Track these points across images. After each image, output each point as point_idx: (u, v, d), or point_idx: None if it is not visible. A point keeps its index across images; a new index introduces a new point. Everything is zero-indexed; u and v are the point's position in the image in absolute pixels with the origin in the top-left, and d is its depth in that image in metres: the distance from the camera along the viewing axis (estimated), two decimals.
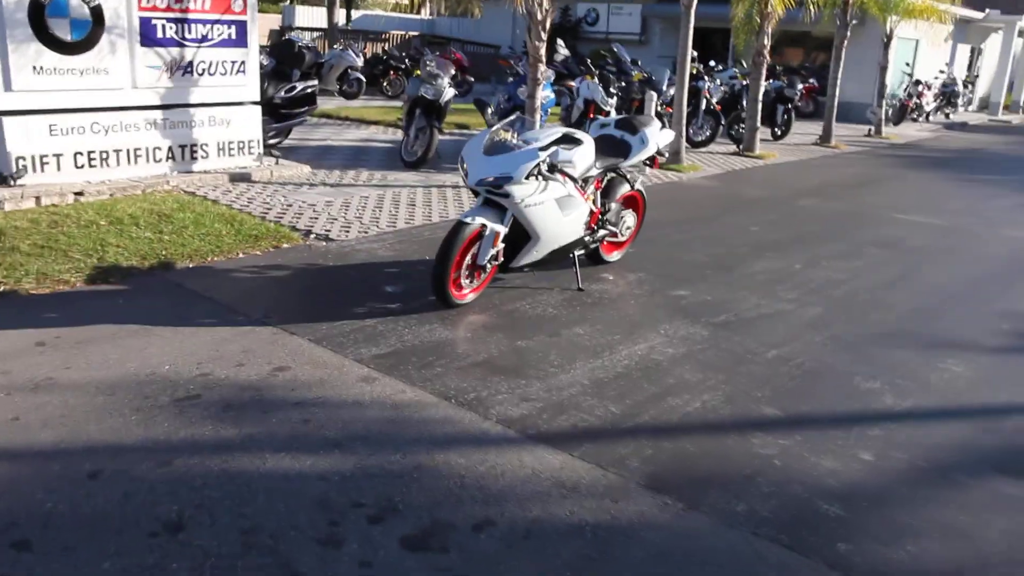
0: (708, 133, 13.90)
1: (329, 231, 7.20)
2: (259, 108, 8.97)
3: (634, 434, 3.87)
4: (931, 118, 22.44)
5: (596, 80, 11.97)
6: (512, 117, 5.73)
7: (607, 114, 11.75)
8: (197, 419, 3.75)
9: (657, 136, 6.32)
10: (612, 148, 6.14)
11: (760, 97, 13.62)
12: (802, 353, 5.01)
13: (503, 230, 5.35)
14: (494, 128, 5.49)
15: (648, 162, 6.45)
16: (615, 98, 12.00)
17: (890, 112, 19.32)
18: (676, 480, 3.49)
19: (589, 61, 16.08)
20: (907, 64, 21.50)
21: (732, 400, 4.30)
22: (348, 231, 7.26)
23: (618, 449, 3.71)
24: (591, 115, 11.66)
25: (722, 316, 5.59)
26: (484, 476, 3.43)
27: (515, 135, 5.40)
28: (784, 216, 9.11)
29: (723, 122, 14.45)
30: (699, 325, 5.39)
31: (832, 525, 3.22)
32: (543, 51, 9.29)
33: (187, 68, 8.25)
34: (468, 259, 5.34)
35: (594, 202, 6.06)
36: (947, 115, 23.43)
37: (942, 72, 22.75)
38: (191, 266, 5.99)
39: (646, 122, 6.39)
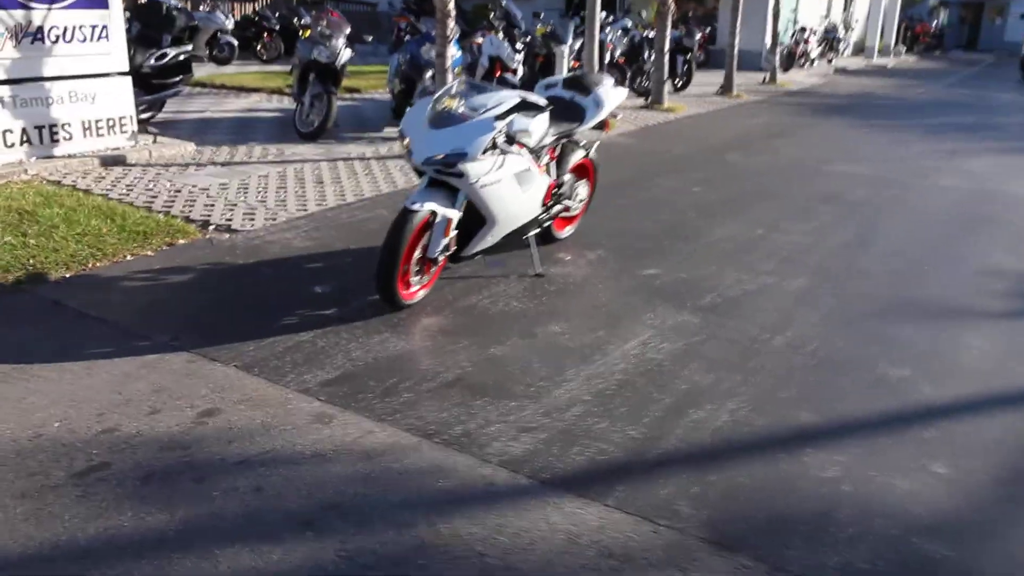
0: None
1: (231, 220, 6.16)
2: (129, 79, 7.70)
3: (668, 466, 3.17)
4: (815, 63, 22.63)
5: (501, 35, 11.10)
6: (457, 81, 4.85)
7: (514, 72, 10.94)
8: (109, 503, 2.81)
9: (611, 96, 5.58)
10: (565, 112, 5.36)
11: (667, 48, 13.08)
12: (808, 337, 4.43)
13: (456, 215, 4.52)
14: (437, 95, 4.62)
15: (599, 125, 5.71)
16: (522, 54, 11.18)
17: (778, 59, 19.25)
18: (741, 528, 2.81)
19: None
20: (793, 11, 21.50)
21: (761, 407, 3.66)
22: (253, 219, 6.24)
23: (657, 490, 3.01)
24: (497, 73, 10.81)
25: (706, 298, 4.97)
26: (509, 551, 2.66)
27: (461, 102, 4.55)
28: (716, 174, 8.58)
29: (627, 75, 13.88)
30: (686, 311, 4.74)
31: (947, 574, 2.62)
32: (452, 3, 8.36)
33: (37, 34, 6.92)
34: (418, 252, 4.50)
35: (548, 174, 5.28)
36: (829, 60, 23.73)
37: (824, 18, 22.94)
38: (69, 276, 4.89)
39: (597, 80, 5.63)
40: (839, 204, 7.42)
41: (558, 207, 5.44)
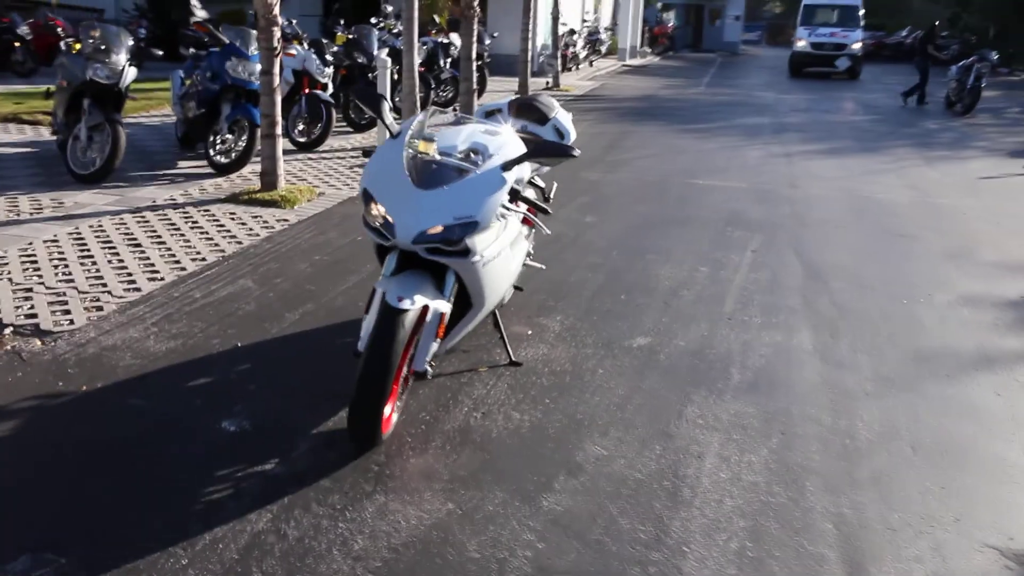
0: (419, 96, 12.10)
1: (35, 317, 4.34)
2: None
3: None
4: (580, 66, 22.75)
5: (307, 46, 9.53)
6: (424, 113, 3.49)
7: (324, 88, 9.43)
8: None
9: (570, 122, 4.44)
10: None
11: (472, 56, 12.07)
12: (889, 435, 3.61)
13: (448, 308, 3.20)
14: (405, 137, 3.24)
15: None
16: (331, 67, 9.67)
17: (559, 63, 18.98)
18: None
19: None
20: (560, 12, 21.36)
21: (957, 549, 2.75)
22: (67, 310, 4.45)
23: None
24: (305, 91, 9.25)
25: (731, 371, 4.02)
26: None
27: (444, 145, 3.23)
28: (595, 198, 7.72)
29: (430, 86, 12.71)
30: (716, 394, 3.77)
31: None
32: (277, 8, 6.79)
33: None
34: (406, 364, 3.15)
35: None
36: (591, 62, 24.00)
37: (586, 21, 23.13)
38: None
39: (550, 105, 4.46)
40: (747, 228, 6.80)
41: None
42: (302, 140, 9.25)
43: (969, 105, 15.52)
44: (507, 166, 3.16)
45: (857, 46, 23.59)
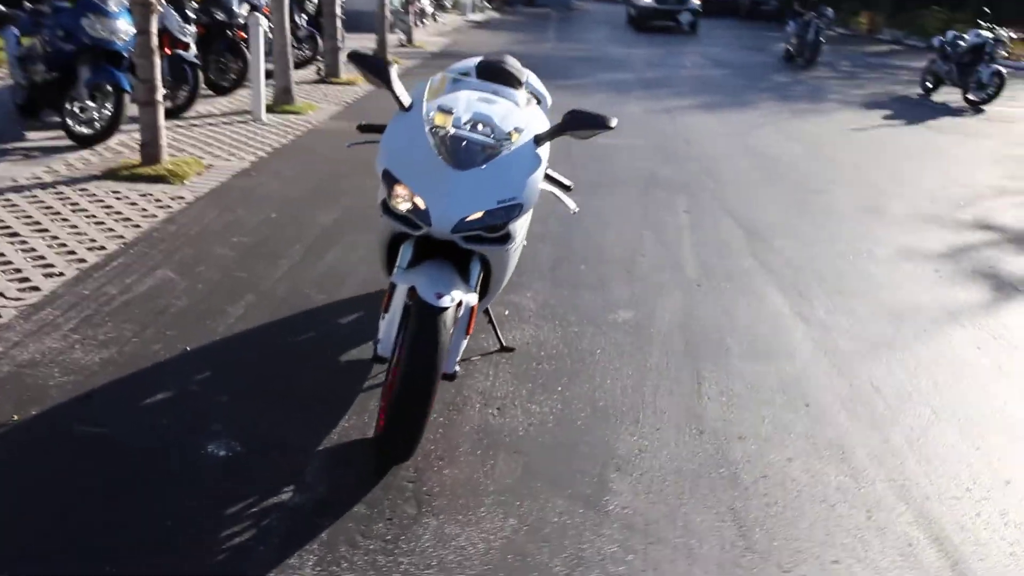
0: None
1: None
2: None
3: None
4: (425, 21, 22.10)
5: (165, 2, 8.54)
6: (438, 76, 3.03)
7: (186, 47, 8.53)
8: None
9: (542, 85, 4.10)
10: None
11: (337, 12, 11.38)
12: (903, 398, 3.61)
13: (476, 299, 2.85)
14: (422, 109, 2.82)
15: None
16: (193, 25, 8.76)
17: (412, 18, 18.33)
18: None
19: None
20: None
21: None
22: None
23: None
24: (167, 51, 8.32)
25: (728, 342, 3.90)
26: None
27: (461, 115, 2.83)
28: None
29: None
30: (723, 368, 3.64)
31: None
32: None
33: None
34: None
35: None
36: (435, 19, 23.37)
37: None
38: None
39: (518, 67, 4.08)
40: (670, 188, 6.72)
41: None
42: (167, 106, 8.32)
43: (810, 59, 16.28)
44: (539, 140, 2.82)
45: (697, 2, 24.24)
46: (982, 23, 12.61)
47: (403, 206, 2.61)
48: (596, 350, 3.76)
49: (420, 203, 2.59)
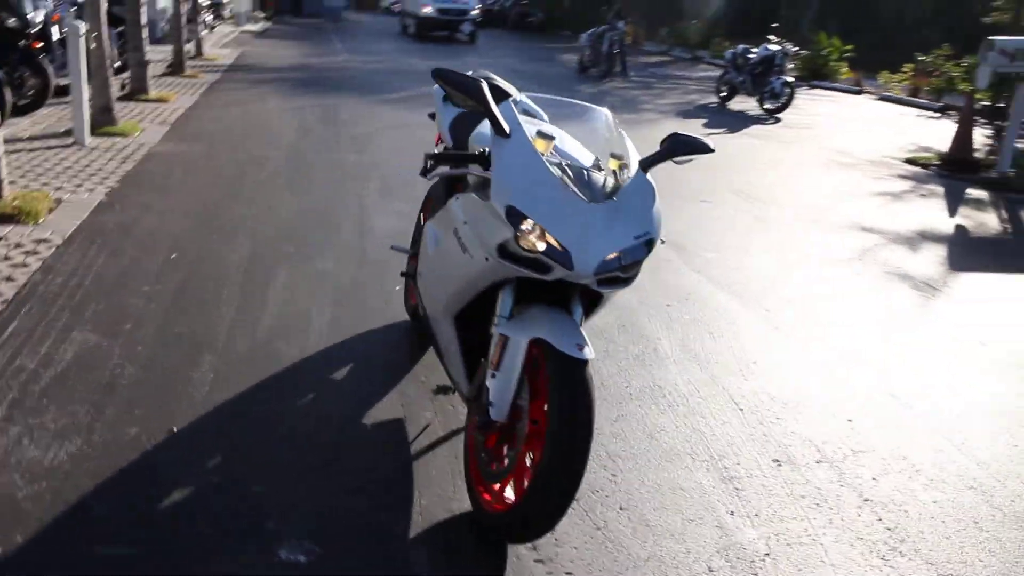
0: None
1: None
2: None
3: None
4: (203, 32, 20.66)
5: None
6: (514, 99, 2.68)
7: None
8: None
9: (531, 102, 3.83)
10: None
11: (142, 21, 10.28)
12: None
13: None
14: (524, 135, 2.48)
15: None
16: None
17: (202, 29, 17.05)
18: None
19: None
20: None
21: None
22: None
23: None
24: None
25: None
26: None
27: (552, 144, 2.54)
28: (392, 184, 6.98)
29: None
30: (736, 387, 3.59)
31: None
32: None
33: None
34: None
35: None
36: (211, 28, 21.91)
37: None
38: None
39: (506, 83, 3.79)
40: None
41: None
42: None
43: (606, 70, 16.96)
44: (644, 167, 2.58)
45: (476, 12, 24.51)
46: (771, 38, 13.73)
47: (540, 246, 2.27)
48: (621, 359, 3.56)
49: (555, 242, 2.27)
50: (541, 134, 2.49)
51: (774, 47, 13.35)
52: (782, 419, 3.41)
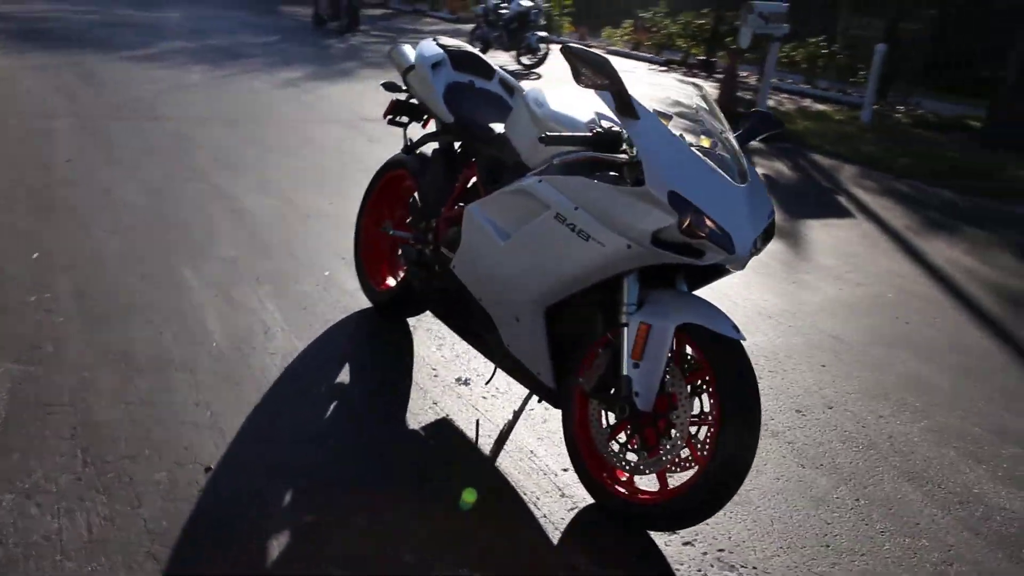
0: None
1: None
2: None
3: None
4: None
5: None
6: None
7: None
8: None
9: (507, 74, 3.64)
10: (500, 111, 3.30)
11: None
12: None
13: None
14: (656, 117, 2.39)
15: None
16: None
17: None
18: None
19: None
20: None
21: None
22: None
23: None
24: None
25: None
26: None
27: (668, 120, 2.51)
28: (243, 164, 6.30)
29: None
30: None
31: None
32: None
33: None
34: None
35: None
36: None
37: None
38: None
39: (484, 56, 3.56)
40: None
41: None
42: None
43: (347, 24, 16.37)
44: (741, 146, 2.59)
45: None
46: None
47: (702, 232, 2.22)
48: None
49: (716, 227, 2.23)
50: (660, 115, 2.42)
51: (527, 2, 13.66)
52: None
